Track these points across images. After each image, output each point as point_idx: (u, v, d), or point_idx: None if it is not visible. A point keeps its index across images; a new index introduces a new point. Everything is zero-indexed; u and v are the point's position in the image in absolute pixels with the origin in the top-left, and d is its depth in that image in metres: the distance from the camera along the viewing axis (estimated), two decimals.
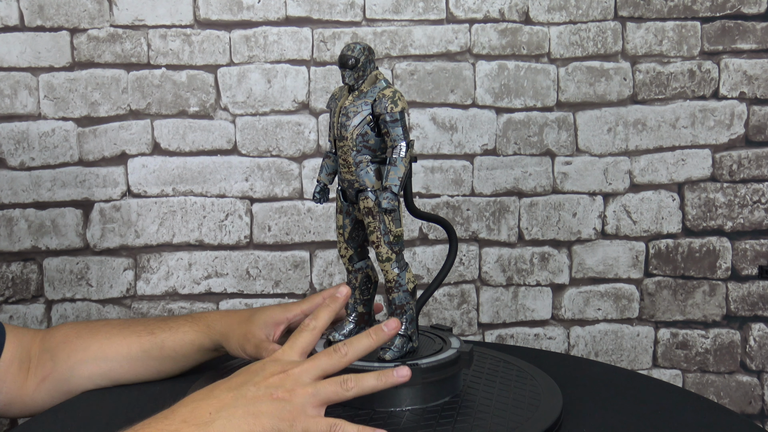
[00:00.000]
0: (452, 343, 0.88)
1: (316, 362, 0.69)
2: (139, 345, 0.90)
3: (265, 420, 0.63)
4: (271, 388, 0.65)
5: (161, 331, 0.91)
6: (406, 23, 1.42)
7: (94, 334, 0.91)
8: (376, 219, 0.83)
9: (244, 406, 0.64)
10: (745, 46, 1.44)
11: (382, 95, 0.81)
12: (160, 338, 0.91)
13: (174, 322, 0.92)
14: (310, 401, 0.66)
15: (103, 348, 0.90)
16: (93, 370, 0.90)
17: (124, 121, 1.41)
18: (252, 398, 0.65)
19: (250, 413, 0.64)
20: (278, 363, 0.68)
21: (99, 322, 0.95)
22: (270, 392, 0.65)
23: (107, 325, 0.93)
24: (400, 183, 0.80)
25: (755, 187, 1.47)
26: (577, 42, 1.44)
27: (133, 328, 0.92)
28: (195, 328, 0.91)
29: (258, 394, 0.65)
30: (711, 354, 1.50)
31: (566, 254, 1.48)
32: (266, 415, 0.64)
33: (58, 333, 0.92)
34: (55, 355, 0.91)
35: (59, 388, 0.91)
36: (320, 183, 0.88)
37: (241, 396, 0.65)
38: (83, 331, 0.92)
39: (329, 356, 0.69)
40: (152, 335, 0.91)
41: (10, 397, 0.90)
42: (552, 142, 1.45)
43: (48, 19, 1.38)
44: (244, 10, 1.40)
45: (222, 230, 1.44)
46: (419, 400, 0.82)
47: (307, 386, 0.66)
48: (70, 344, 0.91)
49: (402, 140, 0.81)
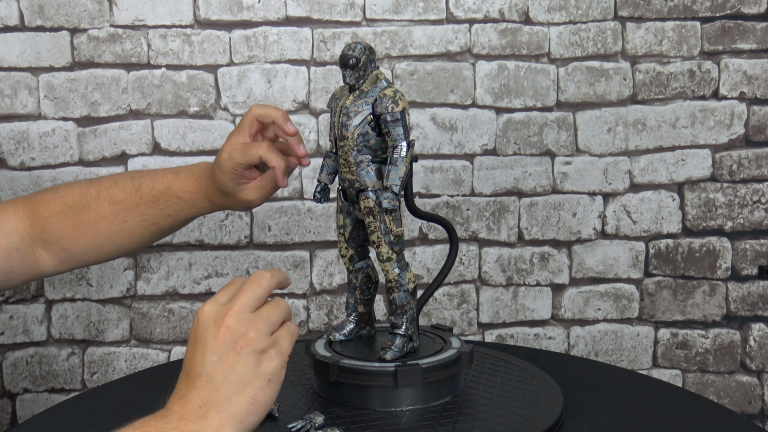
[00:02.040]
0: (453, 343, 0.88)
1: (242, 295, 0.65)
2: (147, 233, 0.96)
3: (249, 389, 0.63)
4: (230, 344, 0.63)
5: (162, 219, 0.95)
6: (406, 23, 1.42)
7: (96, 232, 0.94)
8: (377, 219, 0.83)
9: (223, 382, 0.63)
10: (745, 46, 1.44)
11: (383, 95, 0.81)
12: (164, 224, 0.96)
13: (169, 207, 0.95)
14: (268, 331, 0.65)
15: (115, 242, 0.95)
16: (112, 256, 0.97)
17: (124, 121, 1.41)
18: (226, 370, 0.63)
19: (234, 384, 0.62)
20: (209, 317, 0.65)
21: (89, 213, 0.95)
22: (233, 349, 0.63)
23: (104, 221, 0.95)
24: (401, 183, 0.80)
25: (755, 187, 1.47)
26: (577, 42, 1.44)
27: (133, 221, 0.95)
28: (188, 205, 0.95)
29: (226, 359, 0.63)
30: (711, 354, 1.50)
31: (566, 254, 1.48)
32: (252, 374, 0.63)
33: (53, 226, 0.94)
34: (66, 247, 0.94)
35: (82, 264, 0.97)
36: (321, 183, 0.88)
37: (213, 373, 0.63)
38: (81, 226, 0.94)
39: (253, 281, 0.66)
40: (155, 224, 0.95)
41: (30, 277, 0.96)
42: (552, 142, 1.45)
43: (48, 19, 1.38)
44: (244, 10, 1.40)
45: (222, 230, 1.44)
46: (420, 400, 0.82)
47: (254, 319, 0.64)
48: (77, 240, 0.94)
49: (403, 140, 0.81)
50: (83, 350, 1.45)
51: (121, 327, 1.45)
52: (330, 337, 0.89)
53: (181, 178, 0.93)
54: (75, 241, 0.94)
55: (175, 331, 1.45)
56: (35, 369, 1.44)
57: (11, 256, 0.92)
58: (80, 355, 1.45)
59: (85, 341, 1.45)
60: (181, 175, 0.94)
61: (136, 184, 0.94)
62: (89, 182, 0.96)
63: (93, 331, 1.44)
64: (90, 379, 1.46)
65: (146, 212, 0.94)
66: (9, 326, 1.42)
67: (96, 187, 0.95)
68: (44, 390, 1.45)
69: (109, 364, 1.45)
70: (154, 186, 0.93)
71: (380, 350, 0.83)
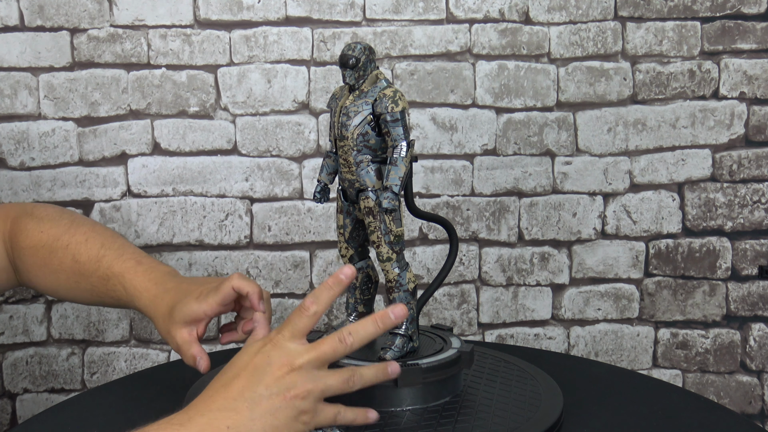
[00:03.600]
0: (453, 343, 0.88)
1: (320, 352, 0.67)
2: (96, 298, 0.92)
3: (285, 430, 0.65)
4: (284, 389, 0.65)
5: (107, 296, 0.90)
6: (406, 23, 1.42)
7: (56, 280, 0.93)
8: (377, 219, 0.83)
9: (261, 417, 0.64)
10: (745, 46, 1.44)
11: (382, 95, 0.81)
12: (108, 299, 0.91)
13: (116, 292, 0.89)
14: (319, 397, 0.67)
15: (70, 293, 0.94)
16: (66, 297, 0.96)
17: (124, 121, 1.41)
18: (268, 408, 0.64)
19: (269, 425, 0.64)
20: (281, 353, 0.67)
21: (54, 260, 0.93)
22: (283, 394, 0.65)
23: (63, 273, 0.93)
24: (401, 183, 0.80)
25: (755, 187, 1.47)
26: (577, 42, 1.44)
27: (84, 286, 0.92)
28: (134, 303, 0.88)
29: (273, 400, 0.65)
30: (711, 354, 1.50)
31: (566, 254, 1.48)
32: (285, 426, 0.65)
33: (23, 259, 0.94)
34: (30, 279, 0.95)
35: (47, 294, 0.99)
36: (320, 183, 0.88)
37: (256, 404, 0.64)
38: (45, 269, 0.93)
39: (334, 346, 0.68)
40: (100, 298, 0.91)
41: (9, 287, 0.98)
42: (552, 142, 1.45)
43: (48, 19, 1.38)
44: (244, 10, 1.40)
45: (222, 230, 1.44)
46: (420, 400, 0.82)
47: (317, 381, 0.66)
48: (40, 275, 0.95)
49: (403, 140, 0.81)
50: (83, 350, 1.45)
51: (120, 327, 1.45)
52: None
53: (139, 272, 0.89)
54: (38, 279, 0.94)
55: None
56: (35, 369, 1.44)
57: None
58: (80, 355, 1.45)
59: (85, 341, 1.45)
60: (141, 268, 0.89)
61: (101, 254, 0.91)
62: (69, 224, 0.94)
63: (93, 331, 1.44)
64: (90, 379, 1.45)
65: (96, 285, 0.91)
66: (9, 326, 1.42)
67: (69, 236, 0.93)
68: (44, 390, 1.45)
69: (109, 364, 1.45)
70: (111, 265, 0.89)
71: (380, 350, 0.83)
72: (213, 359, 0.80)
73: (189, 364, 0.81)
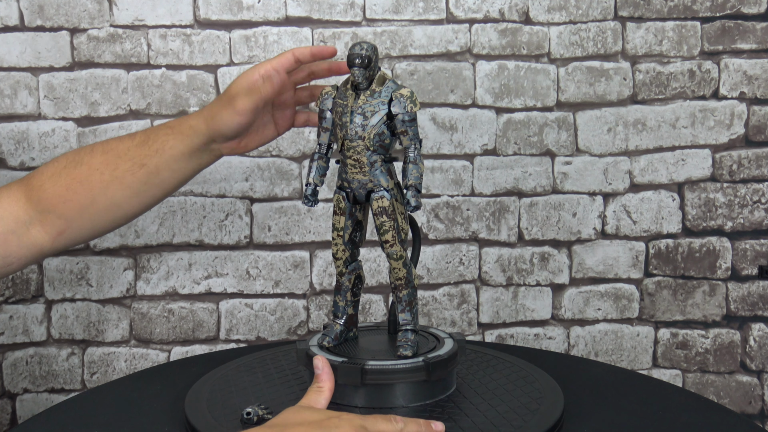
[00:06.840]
0: (441, 335, 0.90)
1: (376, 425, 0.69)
2: (138, 181, 0.92)
3: None
4: None
5: (150, 158, 0.92)
6: (406, 23, 1.42)
7: (89, 187, 0.92)
8: (391, 218, 0.84)
9: None
10: (745, 46, 1.44)
11: (399, 95, 0.82)
12: (153, 166, 0.92)
13: (157, 142, 0.92)
14: None
15: (107, 196, 0.92)
16: (108, 218, 0.94)
17: (124, 121, 1.41)
18: None
19: None
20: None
21: (82, 168, 0.94)
22: None
23: (96, 172, 0.93)
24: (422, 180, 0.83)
25: (755, 187, 1.47)
26: (577, 42, 1.44)
27: (124, 167, 0.92)
28: (180, 137, 0.92)
29: None
30: (711, 354, 1.50)
31: (566, 254, 1.48)
32: None
33: (47, 193, 0.92)
34: (62, 214, 0.92)
35: (80, 236, 0.94)
36: (312, 185, 0.88)
37: None
38: (74, 184, 0.92)
39: (388, 424, 0.70)
40: (144, 167, 0.92)
41: (28, 259, 0.94)
42: (552, 142, 1.45)
43: (48, 19, 1.38)
44: (244, 10, 1.40)
45: (222, 230, 1.44)
46: (419, 397, 0.82)
47: None
48: (71, 201, 0.92)
49: (418, 139, 0.83)
50: (83, 350, 1.45)
51: (120, 327, 1.45)
52: (324, 343, 0.88)
53: (167, 122, 0.93)
54: (69, 203, 0.93)
55: (175, 331, 1.45)
56: (35, 369, 1.44)
57: (8, 239, 0.92)
58: (80, 355, 1.45)
59: (85, 341, 1.45)
60: (196, 144, 0.93)
61: (133, 133, 0.94)
62: (73, 153, 0.96)
63: (93, 332, 1.44)
64: (90, 379, 1.46)
65: (136, 154, 0.92)
66: (9, 326, 1.42)
67: (91, 145, 0.95)
68: (44, 390, 1.45)
69: (109, 364, 1.45)
70: (145, 129, 0.93)
71: (398, 348, 0.84)
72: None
73: (288, 59, 0.92)
